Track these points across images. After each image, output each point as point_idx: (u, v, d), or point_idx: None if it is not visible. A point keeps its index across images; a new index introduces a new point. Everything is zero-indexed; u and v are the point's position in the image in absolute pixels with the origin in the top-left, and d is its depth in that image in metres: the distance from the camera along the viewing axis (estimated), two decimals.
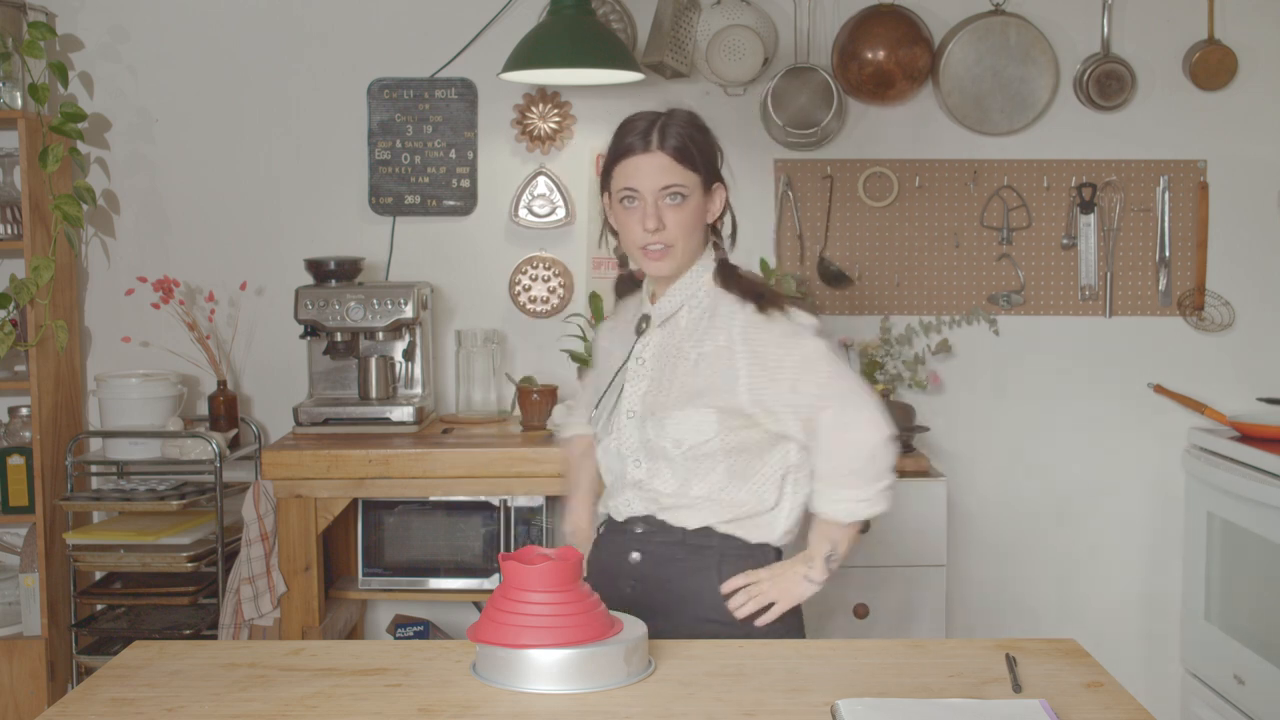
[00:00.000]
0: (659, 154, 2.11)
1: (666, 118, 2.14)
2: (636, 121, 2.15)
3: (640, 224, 2.12)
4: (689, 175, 2.12)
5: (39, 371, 3.45)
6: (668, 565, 2.17)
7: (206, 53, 3.70)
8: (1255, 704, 3.27)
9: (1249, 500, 3.29)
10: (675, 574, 2.16)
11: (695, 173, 2.13)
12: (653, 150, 2.11)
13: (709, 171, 2.16)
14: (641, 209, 2.12)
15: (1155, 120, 3.71)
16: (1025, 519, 3.81)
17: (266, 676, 1.84)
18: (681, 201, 2.12)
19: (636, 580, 2.18)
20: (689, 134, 2.13)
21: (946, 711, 1.67)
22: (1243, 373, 3.76)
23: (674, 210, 2.12)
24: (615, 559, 2.22)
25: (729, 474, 2.13)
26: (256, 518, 3.25)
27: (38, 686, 3.44)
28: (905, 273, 3.75)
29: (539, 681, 1.76)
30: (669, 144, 2.11)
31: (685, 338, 2.17)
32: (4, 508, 3.47)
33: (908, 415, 3.47)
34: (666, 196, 2.12)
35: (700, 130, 2.16)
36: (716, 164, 2.19)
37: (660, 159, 2.11)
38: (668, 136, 2.11)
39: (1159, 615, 3.82)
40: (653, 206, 2.12)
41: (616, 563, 2.21)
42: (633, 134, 2.14)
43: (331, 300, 3.41)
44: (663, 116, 2.14)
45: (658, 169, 2.11)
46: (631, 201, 2.13)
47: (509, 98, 3.70)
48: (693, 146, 2.13)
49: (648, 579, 2.18)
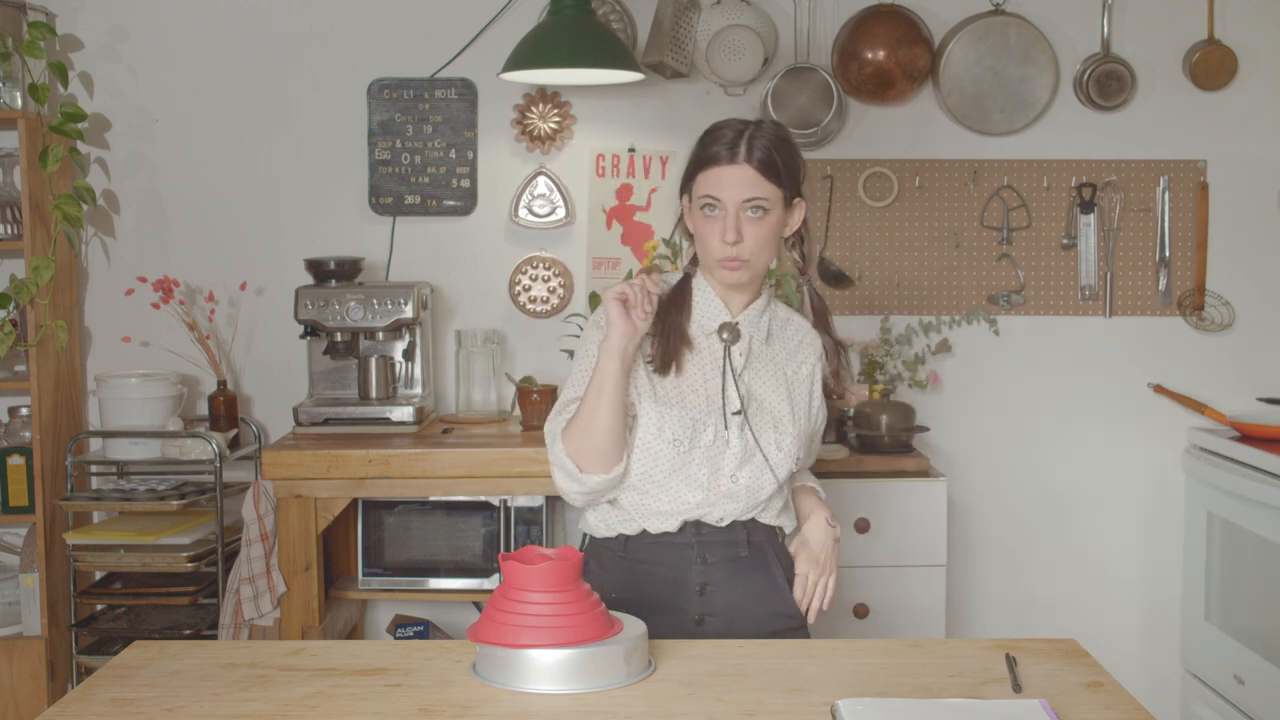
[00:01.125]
0: (745, 166, 2.11)
1: (755, 128, 2.14)
2: (724, 130, 2.15)
3: (719, 234, 2.13)
4: (772, 189, 2.13)
5: (39, 371, 3.45)
6: (731, 565, 2.20)
7: (206, 53, 3.70)
8: (1255, 704, 3.27)
9: (1249, 500, 3.29)
10: (739, 572, 2.20)
11: (779, 187, 2.14)
12: (739, 162, 2.11)
13: (792, 186, 2.17)
14: (722, 219, 2.12)
15: (1155, 120, 3.71)
16: (1025, 519, 3.81)
17: (266, 676, 1.84)
18: (763, 215, 2.13)
19: (703, 585, 2.19)
20: (776, 146, 2.13)
21: (946, 711, 1.67)
22: (1243, 373, 3.76)
23: (754, 224, 2.13)
24: (676, 570, 2.20)
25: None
26: (256, 518, 3.25)
27: (38, 686, 3.44)
28: (905, 273, 3.75)
29: (539, 681, 1.76)
30: (755, 156, 2.11)
31: (786, 356, 2.27)
32: (4, 508, 3.47)
33: (908, 415, 3.47)
34: (749, 209, 2.12)
35: (787, 144, 2.16)
36: (799, 179, 2.19)
37: (746, 171, 2.11)
38: (755, 148, 2.11)
39: (1159, 615, 3.82)
40: (734, 218, 2.12)
41: (678, 574, 2.20)
42: (720, 143, 2.13)
43: (331, 300, 3.41)
44: (751, 126, 2.14)
45: (742, 180, 2.11)
46: (713, 210, 2.14)
47: (509, 98, 3.70)
48: (779, 160, 2.13)
49: (719, 585, 2.20)
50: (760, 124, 2.16)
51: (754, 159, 2.11)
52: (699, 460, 2.16)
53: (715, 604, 2.19)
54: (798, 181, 2.18)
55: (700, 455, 2.16)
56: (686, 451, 2.15)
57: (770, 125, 2.18)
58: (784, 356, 2.26)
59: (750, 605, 2.20)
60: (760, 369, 2.23)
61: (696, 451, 2.15)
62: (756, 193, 2.11)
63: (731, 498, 2.17)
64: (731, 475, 2.16)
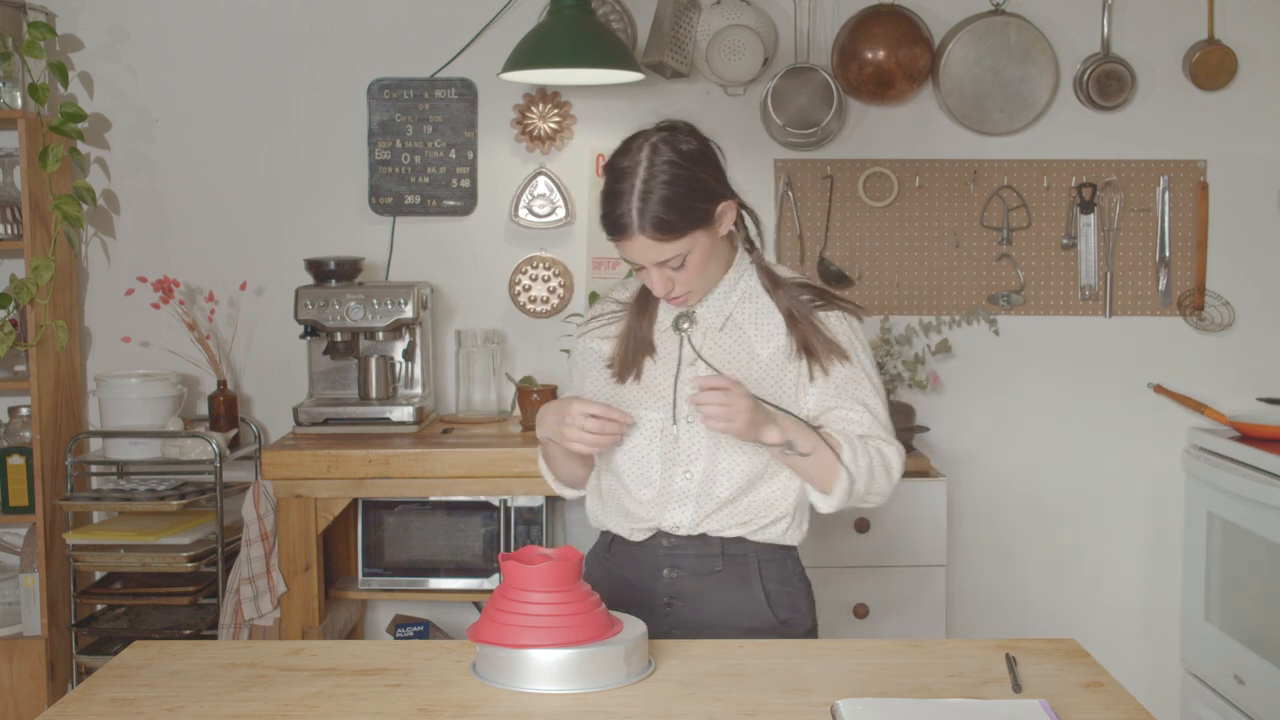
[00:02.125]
0: (640, 238, 2.00)
1: (646, 183, 1.99)
2: (614, 197, 2.01)
3: (650, 284, 2.09)
4: (678, 244, 2.01)
5: (39, 371, 3.45)
6: (705, 579, 2.15)
7: (206, 53, 3.70)
8: (1255, 704, 3.27)
9: (1249, 500, 3.29)
10: (713, 586, 2.14)
11: (685, 236, 2.01)
12: (634, 236, 2.00)
13: (701, 217, 2.02)
14: (648, 275, 2.08)
15: (1155, 120, 3.71)
16: (1025, 519, 3.81)
17: (266, 676, 1.84)
18: (683, 263, 2.04)
19: (671, 598, 2.16)
20: (668, 202, 1.98)
21: (946, 711, 1.67)
22: (1243, 373, 3.76)
23: (679, 271, 2.06)
24: (643, 577, 2.17)
25: (763, 476, 2.13)
26: (256, 518, 3.25)
27: (38, 686, 3.44)
28: (905, 273, 3.75)
29: (539, 681, 1.76)
30: (648, 225, 1.98)
31: (759, 336, 2.14)
32: (4, 508, 3.47)
33: (908, 415, 3.47)
34: (667, 266, 2.05)
35: (682, 180, 2.00)
36: (711, 197, 2.04)
37: (643, 242, 2.00)
38: (646, 215, 1.98)
39: (1159, 615, 3.82)
40: (657, 274, 2.06)
41: (646, 581, 2.17)
42: (611, 217, 2.02)
43: (331, 300, 3.41)
44: (639, 183, 1.99)
45: (646, 249, 2.02)
46: (636, 265, 2.08)
47: (509, 98, 3.70)
48: (674, 214, 1.99)
49: (685, 595, 2.15)
50: (652, 171, 1.99)
51: (647, 228, 1.99)
52: (654, 458, 2.13)
53: (682, 618, 2.14)
54: (710, 203, 2.03)
55: (655, 454, 2.13)
56: (643, 449, 2.14)
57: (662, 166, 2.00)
58: (757, 337, 2.14)
59: (720, 622, 2.14)
60: (726, 355, 2.13)
61: (652, 449, 2.13)
62: (663, 255, 2.02)
63: (684, 498, 2.12)
64: (686, 471, 2.11)
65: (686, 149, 2.03)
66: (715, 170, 2.07)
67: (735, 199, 2.09)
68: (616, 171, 2.03)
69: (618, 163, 2.05)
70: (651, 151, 2.01)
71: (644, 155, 2.01)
